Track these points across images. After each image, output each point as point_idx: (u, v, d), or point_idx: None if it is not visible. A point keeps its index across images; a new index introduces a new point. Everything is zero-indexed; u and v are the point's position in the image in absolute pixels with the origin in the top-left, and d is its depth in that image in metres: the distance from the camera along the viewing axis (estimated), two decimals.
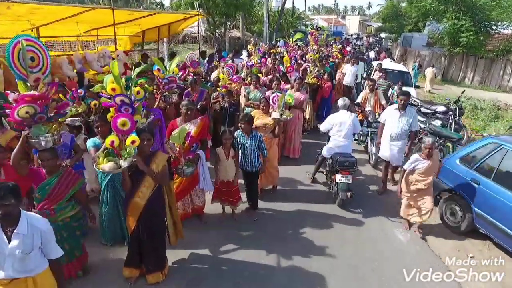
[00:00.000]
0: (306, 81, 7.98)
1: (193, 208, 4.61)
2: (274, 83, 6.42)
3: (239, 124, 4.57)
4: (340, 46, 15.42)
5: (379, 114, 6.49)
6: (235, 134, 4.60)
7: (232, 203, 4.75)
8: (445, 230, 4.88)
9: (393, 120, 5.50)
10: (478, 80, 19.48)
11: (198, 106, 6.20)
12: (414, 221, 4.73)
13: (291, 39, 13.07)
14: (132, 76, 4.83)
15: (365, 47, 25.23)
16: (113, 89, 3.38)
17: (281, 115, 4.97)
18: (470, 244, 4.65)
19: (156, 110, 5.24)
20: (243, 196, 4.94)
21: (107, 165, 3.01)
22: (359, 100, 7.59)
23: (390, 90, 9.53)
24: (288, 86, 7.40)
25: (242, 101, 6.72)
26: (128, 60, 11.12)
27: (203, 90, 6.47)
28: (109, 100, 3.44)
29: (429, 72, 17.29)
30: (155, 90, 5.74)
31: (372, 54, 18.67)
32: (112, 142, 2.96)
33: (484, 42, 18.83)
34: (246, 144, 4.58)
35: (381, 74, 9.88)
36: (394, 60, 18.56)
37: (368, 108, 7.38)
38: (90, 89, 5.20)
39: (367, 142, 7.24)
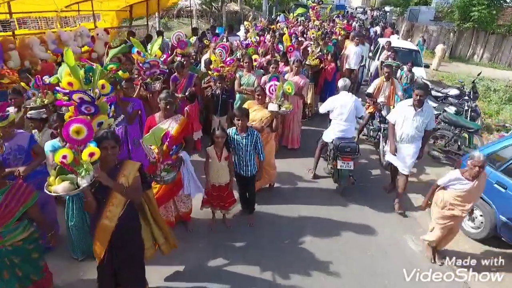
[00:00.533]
0: (307, 62, 7.22)
1: (177, 216, 4.02)
2: (271, 67, 5.68)
3: (234, 120, 3.88)
4: (345, 21, 14.38)
5: (394, 108, 5.69)
6: (228, 132, 3.94)
7: (223, 208, 4.17)
8: None
9: (406, 119, 4.52)
10: (488, 57, 18.54)
11: (187, 93, 5.53)
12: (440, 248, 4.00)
13: (291, 14, 12.10)
14: (105, 62, 4.19)
15: (370, 22, 23.83)
16: (70, 84, 2.71)
17: (280, 107, 4.29)
18: (470, 244, 4.32)
19: (136, 100, 4.57)
20: (237, 198, 4.36)
21: (60, 187, 2.35)
22: (371, 89, 6.38)
23: (399, 71, 8.76)
24: (288, 68, 6.68)
25: (237, 86, 6.00)
26: (116, 38, 10.28)
27: (192, 74, 5.75)
28: (66, 98, 2.78)
29: (439, 49, 16.35)
30: (136, 76, 5.03)
31: (376, 28, 17.15)
32: (64, 157, 2.31)
33: (496, 17, 17.73)
34: (241, 144, 3.91)
35: (389, 53, 9.05)
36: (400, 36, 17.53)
37: (381, 99, 6.35)
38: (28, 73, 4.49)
39: (379, 139, 6.30)
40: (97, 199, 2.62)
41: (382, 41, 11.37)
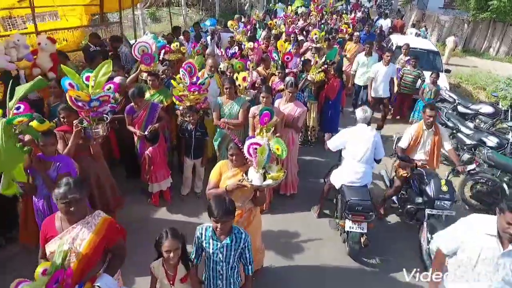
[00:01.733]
0: (309, 77, 5.75)
1: None
2: (262, 95, 4.22)
3: (211, 220, 2.37)
4: (352, 15, 12.72)
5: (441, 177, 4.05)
6: (197, 232, 2.55)
7: None
8: None
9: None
10: (505, 51, 16.94)
11: (147, 132, 4.13)
12: None
13: (290, 8, 10.50)
14: (10, 110, 2.84)
15: (376, 11, 21.98)
16: None
17: (265, 175, 2.83)
18: None
19: (63, 158, 3.16)
20: None
21: None
22: (403, 143, 4.30)
23: (419, 81, 7.31)
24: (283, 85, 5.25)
25: (216, 118, 4.56)
26: (83, 40, 8.69)
27: (154, 105, 4.32)
28: None
29: (450, 41, 14.78)
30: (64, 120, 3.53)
31: (386, 22, 13.94)
32: None
33: None
34: (219, 255, 2.46)
35: (407, 58, 7.57)
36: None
37: (419, 156, 4.32)
38: None
39: (418, 224, 4.17)
40: None
41: (395, 39, 9.80)
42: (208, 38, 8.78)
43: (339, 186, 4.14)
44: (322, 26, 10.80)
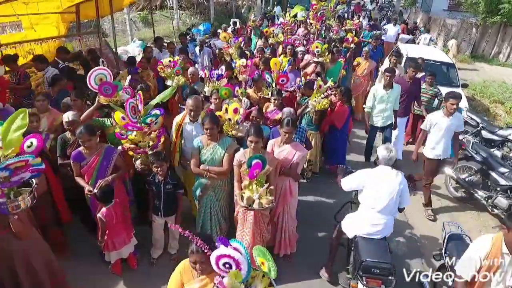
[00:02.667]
0: (310, 105, 4.75)
1: None
2: (249, 139, 3.22)
3: None
4: (356, 21, 11.71)
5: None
6: None
7: None
8: None
9: None
10: None
11: (96, 190, 3.17)
12: None
13: (288, 14, 9.52)
14: None
15: (378, 14, 20.96)
16: None
17: None
18: None
19: None
20: None
21: None
22: None
23: (436, 100, 6.37)
24: (280, 114, 4.28)
25: (193, 165, 3.58)
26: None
27: (110, 149, 3.35)
28: None
29: (452, 45, 13.87)
30: None
31: (395, 29, 12.16)
32: None
33: None
34: None
35: (422, 75, 6.61)
36: (413, 34, 14.77)
37: None
38: None
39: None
40: None
41: (404, 49, 8.78)
42: (197, 49, 7.82)
43: (353, 236, 3.41)
44: (323, 33, 9.83)
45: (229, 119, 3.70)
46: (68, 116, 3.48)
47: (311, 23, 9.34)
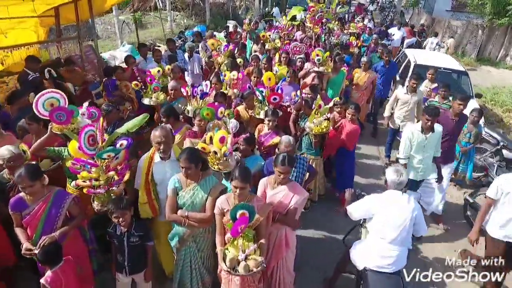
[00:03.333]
0: (307, 127, 4.04)
1: None
2: (233, 185, 2.53)
3: None
4: (361, 23, 10.99)
5: None
6: None
7: None
8: None
9: None
10: None
11: (36, 249, 2.49)
12: None
13: (284, 18, 8.84)
14: None
15: (379, 15, 20.24)
16: None
17: None
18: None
19: None
20: None
21: None
22: None
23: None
24: (277, 139, 3.61)
25: (168, 211, 2.89)
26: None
27: (62, 194, 2.68)
28: None
29: (450, 44, 13.30)
30: None
31: (400, 33, 11.57)
32: None
33: None
34: None
35: (434, 86, 5.95)
36: (416, 36, 14.07)
37: None
38: None
39: None
40: None
41: (411, 55, 8.08)
42: (186, 55, 7.14)
43: (362, 268, 3.03)
44: (323, 37, 9.14)
45: (215, 152, 3.01)
46: (3, 152, 2.76)
47: (309, 27, 8.64)
